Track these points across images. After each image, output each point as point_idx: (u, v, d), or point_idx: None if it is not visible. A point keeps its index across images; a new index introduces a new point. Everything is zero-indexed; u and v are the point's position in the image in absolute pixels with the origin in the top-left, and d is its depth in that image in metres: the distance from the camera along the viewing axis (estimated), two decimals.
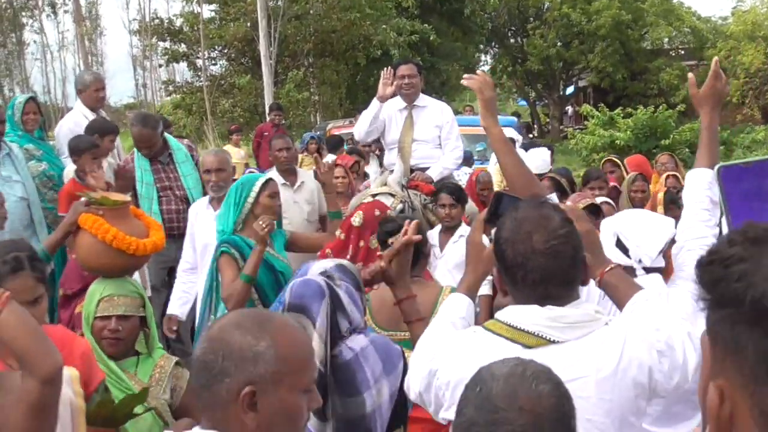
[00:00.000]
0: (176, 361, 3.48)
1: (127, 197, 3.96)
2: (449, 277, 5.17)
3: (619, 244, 3.21)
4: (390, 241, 3.71)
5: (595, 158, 17.89)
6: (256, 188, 4.66)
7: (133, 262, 3.62)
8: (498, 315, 2.23)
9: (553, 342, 2.11)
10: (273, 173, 6.23)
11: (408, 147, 6.53)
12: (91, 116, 6.99)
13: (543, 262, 2.13)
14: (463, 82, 3.13)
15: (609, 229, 3.29)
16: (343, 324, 2.65)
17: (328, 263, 2.82)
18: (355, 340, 2.73)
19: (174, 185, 6.42)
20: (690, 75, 3.22)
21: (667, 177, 7.03)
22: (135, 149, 6.43)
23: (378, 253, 3.75)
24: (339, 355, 2.66)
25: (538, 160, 7.20)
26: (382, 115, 6.58)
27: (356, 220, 5.08)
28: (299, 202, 6.26)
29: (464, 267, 2.65)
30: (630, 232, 3.22)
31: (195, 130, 26.22)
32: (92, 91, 7.18)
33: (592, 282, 2.39)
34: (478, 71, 3.24)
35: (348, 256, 4.61)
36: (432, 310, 3.58)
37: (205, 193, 5.86)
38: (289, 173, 6.40)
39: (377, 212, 4.83)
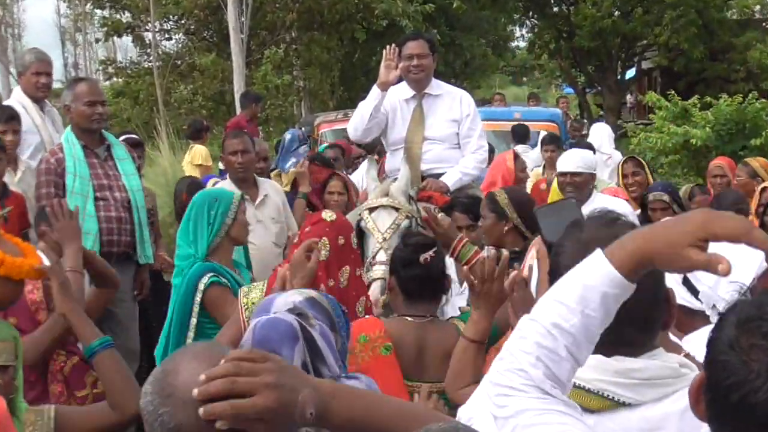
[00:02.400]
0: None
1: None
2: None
3: (687, 283, 3.13)
4: (423, 257, 3.94)
5: (663, 163, 17.91)
6: (235, 205, 4.85)
7: (16, 293, 3.62)
8: None
9: (623, 404, 2.09)
10: (226, 184, 6.31)
11: (417, 148, 6.59)
12: (32, 107, 7.10)
13: None
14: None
15: None
16: (324, 372, 2.69)
17: (296, 296, 2.82)
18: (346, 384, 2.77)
19: (114, 185, 6.51)
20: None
21: (763, 190, 7.09)
22: (64, 137, 6.52)
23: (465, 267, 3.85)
24: None
25: (572, 155, 7.18)
26: (385, 106, 6.63)
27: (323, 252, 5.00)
28: (264, 220, 6.36)
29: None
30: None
31: (143, 124, 26.29)
32: (30, 75, 7.28)
33: None
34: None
35: (324, 252, 4.61)
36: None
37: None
38: (248, 184, 6.45)
39: (341, 240, 4.80)
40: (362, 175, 8.31)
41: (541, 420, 1.89)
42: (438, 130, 6.63)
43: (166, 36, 30.64)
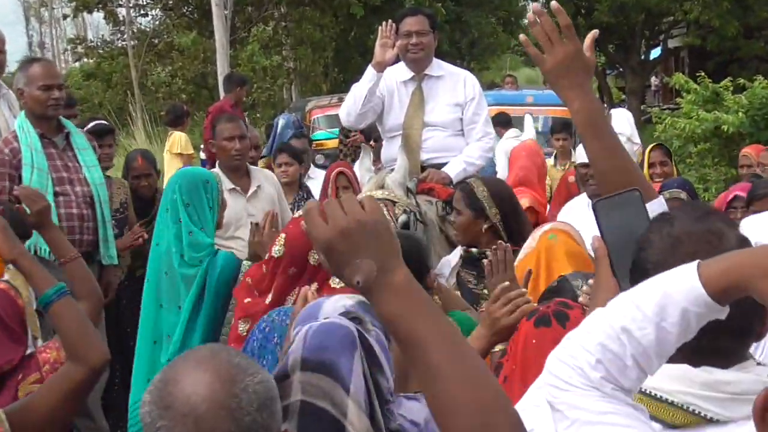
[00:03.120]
0: None
1: None
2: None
3: None
4: None
5: (692, 152, 17.90)
6: (219, 186, 4.90)
7: None
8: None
9: (711, 421, 2.05)
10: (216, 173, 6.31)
11: (417, 135, 6.59)
12: None
13: None
14: (529, 17, 3.05)
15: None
16: (383, 384, 2.58)
17: (346, 300, 2.76)
18: (406, 407, 2.69)
19: (74, 178, 6.47)
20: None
21: None
22: (18, 124, 6.49)
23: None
24: (400, 430, 2.61)
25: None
26: (381, 89, 6.62)
27: (276, 248, 4.77)
28: (256, 215, 6.31)
29: None
30: None
31: (116, 109, 26.34)
32: None
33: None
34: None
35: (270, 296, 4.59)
36: None
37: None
38: (240, 174, 6.42)
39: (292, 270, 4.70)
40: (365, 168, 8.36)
41: (604, 420, 1.89)
42: (439, 116, 6.62)
43: (142, 12, 30.74)
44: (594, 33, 3.08)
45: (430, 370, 1.90)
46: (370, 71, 6.54)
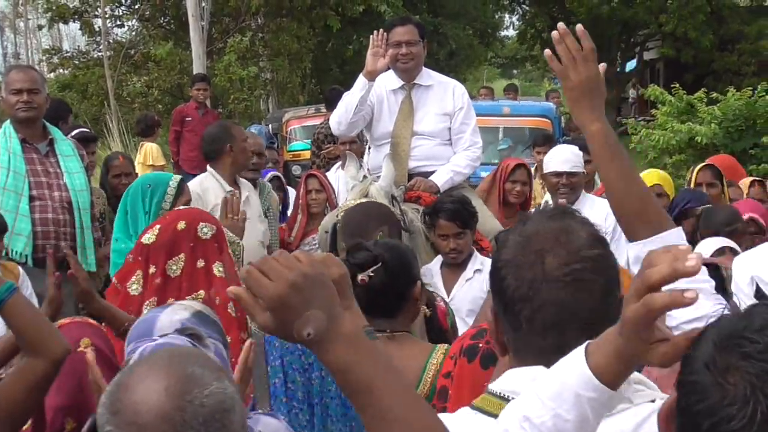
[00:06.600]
0: None
1: None
2: (462, 327, 5.21)
3: (760, 295, 3.12)
4: (360, 278, 3.74)
5: (667, 163, 18.03)
6: (172, 188, 5.04)
7: None
8: (491, 386, 2.19)
9: None
10: (211, 181, 6.48)
11: (405, 143, 6.66)
12: None
13: (559, 295, 2.08)
14: (554, 36, 3.01)
15: (743, 270, 3.27)
16: None
17: (182, 312, 2.83)
18: (264, 423, 2.76)
19: (54, 183, 6.55)
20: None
21: (752, 183, 7.23)
22: (2, 129, 6.60)
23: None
24: None
25: (565, 153, 7.11)
26: (371, 98, 6.65)
27: (148, 236, 4.67)
28: (251, 218, 6.46)
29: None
30: None
31: (92, 120, 26.26)
32: None
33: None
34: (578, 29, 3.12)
35: (136, 287, 4.50)
36: (419, 375, 3.72)
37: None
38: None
39: (182, 225, 4.59)
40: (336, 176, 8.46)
41: None
42: (428, 125, 6.69)
43: (118, 23, 30.59)
44: (603, 66, 3.04)
45: (384, 418, 1.89)
46: (361, 80, 6.56)
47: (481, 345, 3.20)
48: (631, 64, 39.54)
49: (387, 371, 1.92)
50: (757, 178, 7.35)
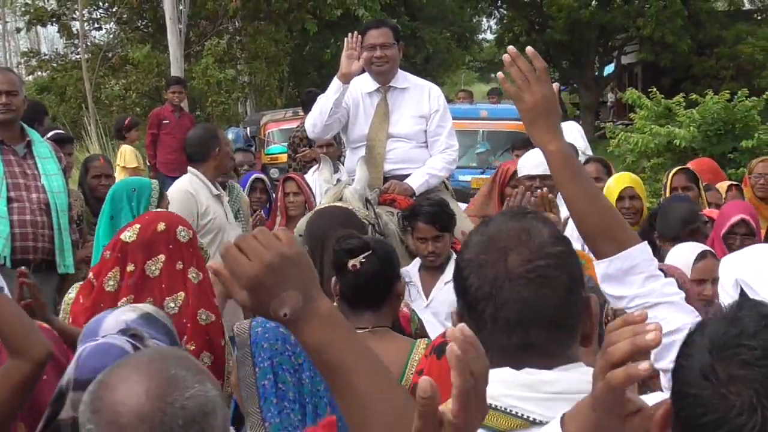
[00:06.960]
0: None
1: None
2: (439, 330, 5.19)
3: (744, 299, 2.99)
4: (351, 263, 3.81)
5: (645, 167, 18.05)
6: (156, 192, 5.08)
7: None
8: None
9: (534, 422, 2.01)
10: (198, 184, 6.46)
11: (381, 146, 6.65)
12: None
13: (522, 292, 2.07)
14: (506, 59, 3.03)
15: (728, 272, 3.28)
16: None
17: (129, 313, 2.88)
18: None
19: (31, 185, 6.54)
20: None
21: (730, 188, 7.24)
22: None
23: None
24: None
25: (539, 156, 7.04)
26: (346, 100, 6.63)
27: (128, 234, 4.68)
28: (233, 222, 6.47)
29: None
30: (761, 280, 3.15)
31: (70, 123, 26.18)
32: None
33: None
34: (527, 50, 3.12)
35: (112, 284, 4.55)
36: (401, 371, 3.73)
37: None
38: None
39: (161, 226, 4.61)
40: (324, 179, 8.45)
41: None
42: (404, 127, 6.68)
43: (96, 26, 30.48)
44: (557, 85, 3.09)
45: (358, 397, 1.91)
46: (336, 83, 6.53)
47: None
48: (609, 68, 39.64)
49: (363, 352, 1.95)
50: (735, 183, 7.33)
